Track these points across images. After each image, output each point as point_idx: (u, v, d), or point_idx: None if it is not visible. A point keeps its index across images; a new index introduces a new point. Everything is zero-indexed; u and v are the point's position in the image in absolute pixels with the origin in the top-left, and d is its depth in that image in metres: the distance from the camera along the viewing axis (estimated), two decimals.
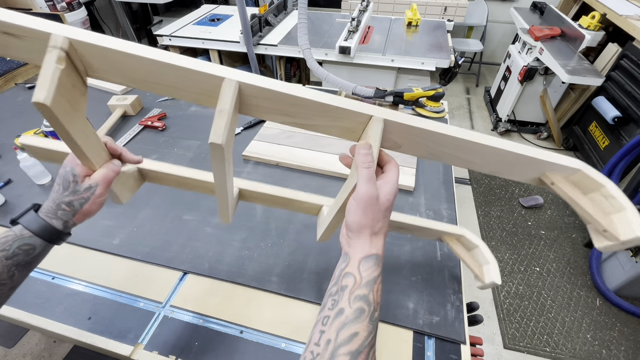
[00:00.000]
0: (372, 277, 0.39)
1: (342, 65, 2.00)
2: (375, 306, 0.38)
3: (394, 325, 0.67)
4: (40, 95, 0.33)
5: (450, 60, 1.84)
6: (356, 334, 0.35)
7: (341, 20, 2.40)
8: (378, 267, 0.40)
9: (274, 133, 1.15)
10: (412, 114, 1.29)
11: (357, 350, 0.34)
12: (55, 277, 0.75)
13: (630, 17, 2.14)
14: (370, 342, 0.35)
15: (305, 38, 1.32)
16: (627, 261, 1.62)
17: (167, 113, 1.28)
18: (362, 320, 0.36)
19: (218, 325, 0.67)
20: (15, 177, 1.00)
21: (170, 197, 0.94)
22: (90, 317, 0.68)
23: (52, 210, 0.46)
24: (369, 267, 0.39)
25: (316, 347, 0.35)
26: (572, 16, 2.95)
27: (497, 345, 1.54)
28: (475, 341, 0.67)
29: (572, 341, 1.55)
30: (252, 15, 2.08)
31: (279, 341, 0.65)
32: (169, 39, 2.16)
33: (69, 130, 0.39)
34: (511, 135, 2.87)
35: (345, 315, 0.36)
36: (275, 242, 0.83)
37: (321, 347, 0.35)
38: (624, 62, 2.10)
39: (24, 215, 0.47)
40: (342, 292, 0.38)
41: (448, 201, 0.93)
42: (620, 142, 2.07)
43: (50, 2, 2.11)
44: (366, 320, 0.36)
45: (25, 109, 1.32)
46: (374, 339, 0.36)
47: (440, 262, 0.78)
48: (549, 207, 2.22)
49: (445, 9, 2.84)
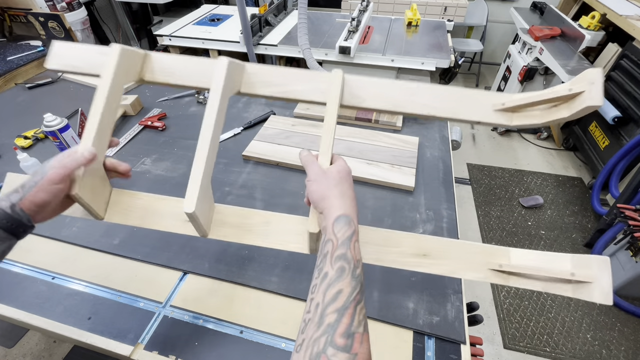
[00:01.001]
0: (347, 235, 0.42)
1: (342, 65, 2.00)
2: (356, 263, 0.40)
3: (394, 325, 0.67)
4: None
5: (450, 60, 1.84)
6: (340, 291, 0.37)
7: (341, 20, 2.40)
8: (350, 226, 0.43)
9: (273, 133, 1.15)
10: None
11: (344, 306, 0.36)
12: (55, 277, 0.75)
13: (630, 17, 2.14)
14: (356, 297, 0.37)
15: (305, 38, 1.32)
16: (627, 261, 1.62)
17: (167, 113, 1.28)
18: (345, 278, 0.38)
19: (218, 325, 0.67)
20: None
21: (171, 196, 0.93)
22: (90, 317, 0.68)
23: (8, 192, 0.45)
24: (341, 228, 0.43)
25: (307, 314, 0.37)
26: (572, 16, 2.95)
27: (497, 345, 1.54)
28: (475, 341, 0.67)
29: (572, 341, 1.55)
30: (252, 15, 2.08)
31: (279, 341, 0.65)
32: (169, 39, 2.16)
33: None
34: (511, 135, 2.87)
35: (329, 277, 0.38)
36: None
37: (311, 313, 0.36)
38: (624, 62, 2.10)
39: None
40: (324, 258, 0.41)
41: (448, 201, 0.93)
42: (620, 142, 2.07)
43: (50, 2, 2.11)
44: (348, 277, 0.38)
45: (25, 109, 1.32)
46: (359, 295, 0.38)
47: None
48: (549, 207, 2.22)
49: (445, 9, 2.84)
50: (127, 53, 0.55)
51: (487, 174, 2.49)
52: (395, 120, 1.20)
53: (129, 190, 0.59)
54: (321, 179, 0.49)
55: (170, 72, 0.59)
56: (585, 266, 0.41)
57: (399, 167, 1.01)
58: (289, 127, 1.18)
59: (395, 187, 0.97)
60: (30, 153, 1.08)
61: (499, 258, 0.51)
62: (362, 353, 0.33)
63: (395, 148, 1.08)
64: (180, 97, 1.39)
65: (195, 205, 0.48)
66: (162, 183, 0.98)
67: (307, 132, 1.15)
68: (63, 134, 0.90)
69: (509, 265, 0.49)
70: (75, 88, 1.46)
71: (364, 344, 0.34)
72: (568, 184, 2.40)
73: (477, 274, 0.51)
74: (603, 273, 0.39)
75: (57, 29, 2.01)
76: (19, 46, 1.93)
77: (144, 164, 1.05)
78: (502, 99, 0.53)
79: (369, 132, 1.16)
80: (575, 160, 2.61)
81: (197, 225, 0.52)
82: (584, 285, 0.41)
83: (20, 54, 1.82)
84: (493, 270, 0.50)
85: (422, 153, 1.10)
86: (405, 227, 0.86)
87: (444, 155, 1.10)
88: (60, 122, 0.89)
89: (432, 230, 0.85)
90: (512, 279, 0.50)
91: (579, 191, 2.33)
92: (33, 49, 1.88)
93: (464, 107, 0.55)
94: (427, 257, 0.53)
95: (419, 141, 1.12)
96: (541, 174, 2.48)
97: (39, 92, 1.43)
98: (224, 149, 1.12)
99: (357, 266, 0.41)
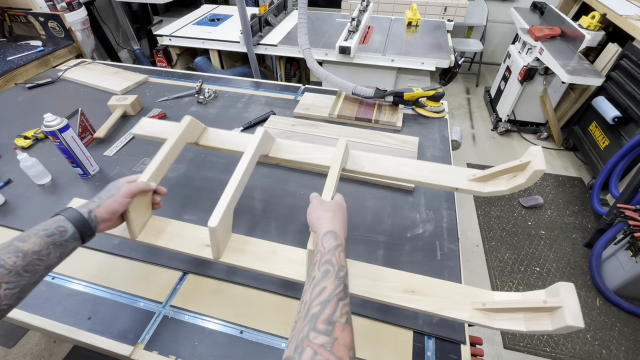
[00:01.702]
0: (333, 245, 0.49)
1: (342, 65, 2.00)
2: (340, 267, 0.46)
3: (394, 325, 0.67)
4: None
5: (450, 60, 1.84)
6: (324, 288, 0.42)
7: (341, 20, 2.40)
8: (337, 239, 0.50)
9: (273, 133, 1.14)
10: (412, 113, 1.29)
11: (327, 300, 0.40)
12: (55, 277, 0.75)
13: (630, 17, 2.14)
14: (338, 294, 0.41)
15: (305, 38, 1.32)
16: (627, 261, 1.62)
17: (167, 113, 1.28)
18: (329, 278, 0.43)
19: (218, 325, 0.67)
20: (15, 177, 1.00)
21: (170, 197, 0.94)
22: (90, 317, 0.68)
23: (85, 203, 0.56)
24: (328, 239, 0.50)
25: (297, 314, 0.41)
26: (572, 16, 2.95)
27: (497, 345, 1.54)
28: (475, 341, 0.67)
29: (572, 341, 1.55)
30: (252, 15, 2.08)
31: (279, 341, 0.65)
32: (169, 39, 2.16)
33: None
34: (511, 135, 2.87)
35: (316, 279, 0.44)
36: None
37: (301, 312, 0.41)
38: (624, 62, 2.10)
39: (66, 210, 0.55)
40: (313, 266, 0.47)
41: (448, 201, 0.93)
42: (620, 142, 2.07)
43: (50, 2, 2.11)
44: (332, 277, 0.44)
45: (25, 109, 1.32)
46: (342, 293, 0.42)
47: (440, 262, 0.78)
48: (549, 207, 2.22)
49: (445, 9, 2.84)
50: (193, 123, 0.78)
51: None
52: (395, 120, 1.20)
53: (162, 217, 0.72)
54: (319, 205, 0.58)
55: (218, 140, 0.81)
56: (555, 294, 0.45)
57: None
58: (289, 127, 1.18)
59: (395, 187, 0.97)
60: (30, 153, 1.08)
61: (483, 297, 0.55)
62: (343, 339, 0.36)
63: (395, 148, 1.08)
64: (180, 97, 1.39)
65: (218, 222, 0.58)
66: (162, 183, 0.98)
67: (307, 132, 1.15)
68: (63, 134, 0.89)
69: (492, 302, 0.52)
70: (75, 88, 1.46)
71: (346, 332, 0.37)
72: (568, 184, 2.40)
73: (463, 314, 0.54)
74: (569, 296, 0.43)
75: (57, 29, 2.01)
76: (19, 46, 1.93)
77: (144, 164, 1.05)
78: (474, 172, 0.69)
79: (369, 132, 1.16)
80: (575, 160, 2.61)
81: (214, 244, 0.61)
82: (557, 313, 0.44)
83: (20, 54, 1.82)
84: (478, 310, 0.54)
85: (422, 153, 1.10)
86: (406, 227, 0.86)
87: (444, 155, 1.10)
88: (60, 122, 0.89)
89: (432, 230, 0.85)
90: (497, 319, 0.52)
91: (579, 191, 2.33)
92: (33, 49, 1.88)
93: (444, 177, 0.69)
94: (415, 293, 0.58)
95: (419, 141, 1.12)
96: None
97: (39, 92, 1.43)
98: None
99: (341, 270, 0.45)
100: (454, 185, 0.68)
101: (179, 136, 0.75)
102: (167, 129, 0.83)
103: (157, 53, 2.24)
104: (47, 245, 0.48)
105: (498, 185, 0.65)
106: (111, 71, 1.54)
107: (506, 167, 0.63)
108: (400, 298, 0.57)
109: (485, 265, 1.88)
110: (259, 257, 0.65)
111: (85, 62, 1.64)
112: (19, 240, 0.47)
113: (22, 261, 0.45)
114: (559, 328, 0.43)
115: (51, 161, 1.05)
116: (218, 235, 0.60)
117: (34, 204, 0.92)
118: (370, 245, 0.82)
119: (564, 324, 0.42)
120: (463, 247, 1.94)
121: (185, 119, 0.77)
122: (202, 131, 0.82)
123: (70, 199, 0.92)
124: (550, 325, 0.45)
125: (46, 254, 0.48)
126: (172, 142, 0.74)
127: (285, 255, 0.65)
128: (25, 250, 0.46)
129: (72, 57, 2.03)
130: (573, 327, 0.41)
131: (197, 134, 0.81)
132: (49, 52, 1.90)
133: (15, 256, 0.45)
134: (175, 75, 1.56)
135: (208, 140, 0.82)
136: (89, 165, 0.99)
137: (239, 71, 2.28)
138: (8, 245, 0.46)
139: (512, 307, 0.50)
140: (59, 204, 0.92)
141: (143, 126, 0.86)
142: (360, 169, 0.74)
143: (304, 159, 0.76)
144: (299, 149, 0.78)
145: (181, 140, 0.76)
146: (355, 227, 0.86)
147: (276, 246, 0.67)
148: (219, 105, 1.34)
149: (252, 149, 0.70)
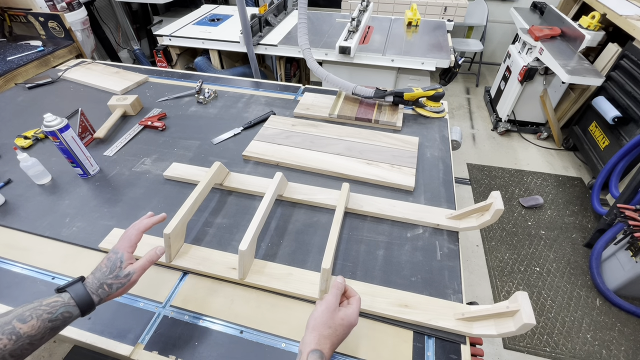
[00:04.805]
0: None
1: (342, 65, 2.00)
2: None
3: (394, 325, 0.67)
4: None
5: (450, 60, 1.84)
6: None
7: (341, 20, 2.40)
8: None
9: (273, 133, 1.15)
10: (412, 113, 1.29)
11: None
12: (55, 277, 0.75)
13: (630, 17, 2.14)
14: None
15: (305, 38, 1.32)
16: (627, 261, 1.62)
17: (167, 113, 1.28)
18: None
19: (218, 325, 0.67)
20: (15, 177, 1.00)
21: (170, 198, 0.94)
22: (90, 317, 0.68)
23: (95, 287, 0.53)
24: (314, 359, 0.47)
25: None
26: (572, 16, 2.95)
27: (497, 345, 1.54)
28: (475, 341, 0.67)
29: (572, 341, 1.55)
30: (252, 15, 2.08)
31: (279, 341, 0.65)
32: (169, 39, 2.16)
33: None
34: (511, 135, 2.87)
35: None
36: (275, 242, 0.83)
37: None
38: (624, 62, 2.10)
39: (72, 285, 0.52)
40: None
41: (448, 201, 0.93)
42: (620, 142, 2.07)
43: (50, 2, 2.11)
44: None
45: (25, 109, 1.32)
46: None
47: (440, 262, 0.78)
48: (549, 207, 2.22)
49: (445, 9, 2.84)
50: (220, 168, 0.91)
51: (487, 174, 2.49)
52: (395, 120, 1.20)
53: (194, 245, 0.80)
54: (327, 313, 0.54)
55: (241, 182, 0.95)
56: (514, 301, 0.56)
57: (399, 167, 1.01)
58: (289, 127, 1.18)
59: (395, 187, 0.97)
60: (30, 153, 1.08)
61: (462, 309, 0.67)
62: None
63: (395, 148, 1.08)
64: (180, 97, 1.39)
65: (247, 246, 0.68)
66: (162, 183, 0.98)
67: (307, 132, 1.15)
68: (63, 134, 0.89)
69: (469, 312, 0.65)
70: (75, 88, 1.46)
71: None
72: (568, 184, 2.40)
73: (447, 323, 0.65)
74: (524, 302, 0.55)
75: (57, 29, 2.02)
76: (19, 46, 1.93)
77: (144, 164, 1.05)
78: (450, 212, 0.86)
79: (369, 132, 1.16)
80: (575, 160, 2.61)
81: (241, 265, 0.70)
82: (517, 315, 0.55)
83: (20, 54, 1.82)
84: (459, 320, 0.65)
85: (422, 153, 1.10)
86: (406, 227, 0.86)
87: (444, 155, 1.10)
88: (60, 122, 0.89)
89: (432, 231, 0.85)
90: (474, 327, 0.64)
91: (579, 191, 2.33)
92: (33, 49, 1.88)
93: (427, 216, 0.86)
94: (408, 307, 0.68)
95: (419, 141, 1.12)
96: (541, 174, 2.48)
97: (39, 92, 1.43)
98: (224, 148, 1.12)
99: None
100: (435, 222, 0.85)
101: (211, 176, 0.87)
102: (197, 172, 0.98)
103: (157, 53, 2.24)
104: (45, 330, 0.46)
105: (470, 222, 0.82)
106: (111, 71, 1.54)
107: (475, 208, 0.79)
108: (396, 311, 0.67)
109: (485, 265, 1.88)
110: (277, 278, 0.73)
111: (85, 62, 1.64)
112: (19, 320, 0.45)
113: (13, 345, 0.43)
114: (519, 327, 0.53)
115: (51, 161, 1.05)
116: (245, 257, 0.69)
117: (34, 204, 0.92)
118: (370, 245, 0.82)
119: (522, 323, 0.53)
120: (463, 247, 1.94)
121: (215, 165, 0.90)
122: (226, 174, 0.96)
123: (70, 199, 0.93)
124: (513, 326, 0.55)
125: (39, 338, 0.46)
126: (205, 181, 0.85)
127: (300, 276, 0.74)
128: (21, 334, 0.44)
129: (72, 57, 2.03)
130: (529, 325, 0.53)
131: (223, 176, 0.95)
132: (49, 52, 1.91)
133: (7, 339, 0.43)
134: (175, 75, 1.56)
135: (231, 182, 0.95)
136: (89, 165, 0.99)
137: (239, 71, 2.28)
138: (6, 324, 0.44)
139: (484, 315, 0.61)
140: (59, 204, 0.92)
141: (174, 170, 1.00)
142: (359, 207, 0.88)
143: (311, 199, 0.90)
144: (307, 190, 0.92)
145: (210, 183, 0.87)
146: (355, 227, 0.86)
147: (292, 269, 0.75)
148: (219, 105, 1.34)
149: (272, 190, 0.81)
